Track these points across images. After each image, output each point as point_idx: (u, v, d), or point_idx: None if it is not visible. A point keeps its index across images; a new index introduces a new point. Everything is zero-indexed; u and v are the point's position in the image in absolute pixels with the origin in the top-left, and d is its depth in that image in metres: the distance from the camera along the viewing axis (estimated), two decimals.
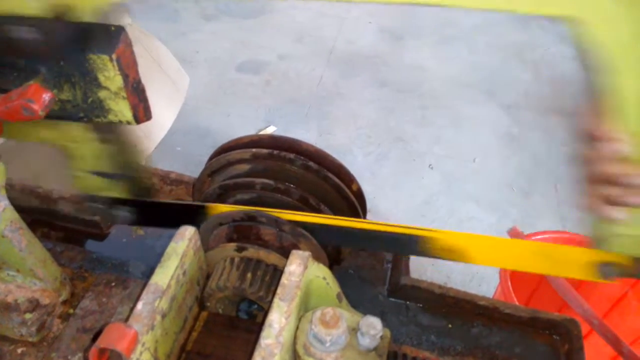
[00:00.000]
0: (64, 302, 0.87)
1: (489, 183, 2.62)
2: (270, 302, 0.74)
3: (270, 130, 2.82)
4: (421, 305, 0.96)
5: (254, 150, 0.83)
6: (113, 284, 0.88)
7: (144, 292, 0.66)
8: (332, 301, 0.74)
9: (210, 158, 0.91)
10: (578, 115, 0.56)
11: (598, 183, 0.59)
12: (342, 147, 2.70)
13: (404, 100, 3.01)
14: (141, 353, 0.61)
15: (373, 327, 0.64)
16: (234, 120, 2.85)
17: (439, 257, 0.80)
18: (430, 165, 2.62)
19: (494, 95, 3.12)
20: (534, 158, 2.76)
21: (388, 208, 2.40)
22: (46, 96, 0.60)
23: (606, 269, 0.70)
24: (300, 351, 0.65)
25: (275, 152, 0.82)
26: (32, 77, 0.66)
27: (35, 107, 0.58)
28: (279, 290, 0.67)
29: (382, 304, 0.97)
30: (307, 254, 0.71)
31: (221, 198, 0.85)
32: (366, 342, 0.65)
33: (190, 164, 2.42)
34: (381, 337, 0.65)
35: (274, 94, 3.01)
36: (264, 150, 0.83)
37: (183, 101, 2.21)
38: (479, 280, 2.13)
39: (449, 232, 0.77)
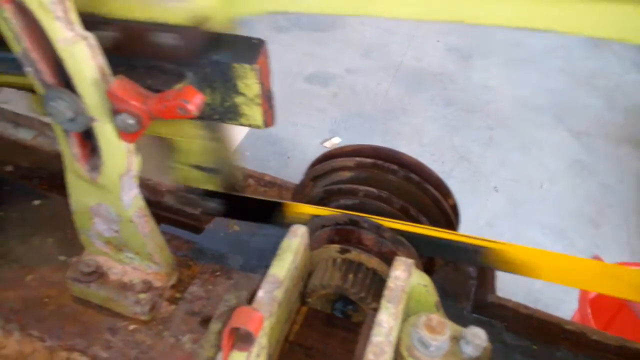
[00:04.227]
0: (172, 287, 0.94)
1: (556, 210, 2.56)
2: (371, 303, 0.78)
3: (335, 141, 2.88)
4: (506, 324, 0.97)
5: (357, 159, 0.88)
6: (218, 273, 0.94)
7: (264, 282, 0.71)
8: (431, 308, 0.77)
9: (313, 164, 0.96)
10: None
11: None
12: None
13: (470, 119, 3.00)
14: (261, 336, 0.66)
15: (478, 337, 0.67)
16: (301, 129, 2.93)
17: (503, 270, 0.83)
18: (495, 187, 2.60)
19: (564, 120, 3.05)
20: (604, 188, 2.67)
21: None
22: (199, 98, 0.67)
23: None
24: (404, 353, 0.68)
25: (379, 162, 0.86)
26: (179, 81, 0.74)
27: (190, 107, 0.65)
28: (386, 293, 0.71)
29: (466, 319, 0.98)
30: (411, 261, 0.75)
31: (324, 202, 0.90)
32: (469, 350, 0.67)
33: (257, 169, 2.51)
34: (484, 348, 0.68)
35: (340, 106, 3.08)
36: (368, 160, 0.87)
37: None
38: (543, 307, 2.08)
39: (515, 245, 0.79)
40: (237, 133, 2.31)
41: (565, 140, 2.94)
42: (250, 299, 0.85)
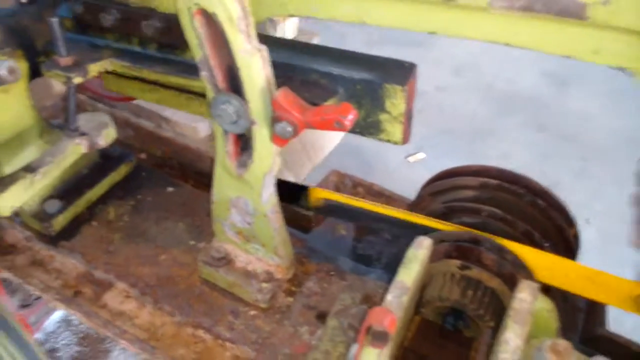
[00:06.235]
0: (289, 280, 1.01)
1: None
2: (488, 322, 0.81)
3: (420, 157, 2.89)
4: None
5: (482, 179, 0.91)
6: (332, 273, 1.00)
7: (392, 287, 0.76)
8: (552, 334, 0.78)
9: (432, 180, 1.00)
10: None
11: None
12: None
13: (563, 148, 2.90)
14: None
15: None
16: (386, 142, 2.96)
17: None
18: (587, 219, 2.49)
19: None
20: None
21: None
22: (354, 114, 0.73)
23: None
24: None
25: (506, 184, 0.89)
26: (331, 96, 0.81)
27: (346, 122, 0.72)
28: (511, 313, 0.73)
29: None
30: (536, 285, 0.77)
31: (444, 217, 0.93)
32: None
33: None
34: None
35: (427, 122, 3.08)
36: (493, 181, 0.90)
37: None
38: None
39: (507, 241, 0.83)
40: (330, 142, 2.40)
41: None
42: (363, 302, 0.91)
